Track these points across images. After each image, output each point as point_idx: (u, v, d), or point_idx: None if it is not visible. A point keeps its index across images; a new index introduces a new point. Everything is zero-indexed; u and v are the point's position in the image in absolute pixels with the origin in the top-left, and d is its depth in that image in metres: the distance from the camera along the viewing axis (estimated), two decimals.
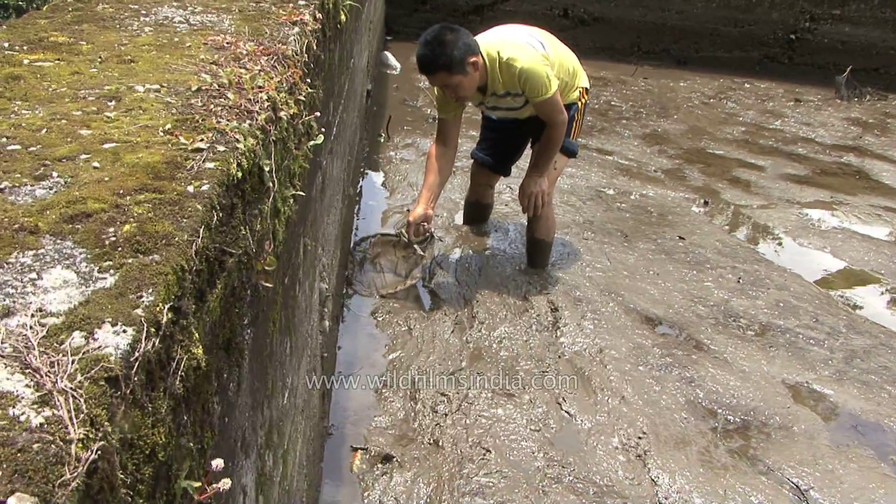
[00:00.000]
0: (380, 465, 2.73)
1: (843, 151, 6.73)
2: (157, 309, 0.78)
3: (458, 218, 4.60)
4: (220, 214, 1.02)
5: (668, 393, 3.24)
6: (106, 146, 1.12)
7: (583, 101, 3.87)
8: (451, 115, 3.72)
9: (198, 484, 0.85)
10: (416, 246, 3.86)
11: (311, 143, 1.70)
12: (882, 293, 4.35)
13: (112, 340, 0.71)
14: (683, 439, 2.99)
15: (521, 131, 4.00)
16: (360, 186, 5.06)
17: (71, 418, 0.61)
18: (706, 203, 5.31)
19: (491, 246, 4.35)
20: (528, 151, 4.11)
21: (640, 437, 2.97)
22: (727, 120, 7.37)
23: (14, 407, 0.62)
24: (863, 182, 6.07)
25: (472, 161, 4.38)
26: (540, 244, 4.14)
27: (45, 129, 1.16)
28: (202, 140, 1.16)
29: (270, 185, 1.28)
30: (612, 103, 7.54)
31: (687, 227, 4.88)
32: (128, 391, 0.69)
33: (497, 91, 3.53)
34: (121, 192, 0.98)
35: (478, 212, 4.59)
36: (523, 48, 3.45)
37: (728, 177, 5.88)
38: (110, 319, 0.74)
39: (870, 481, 2.87)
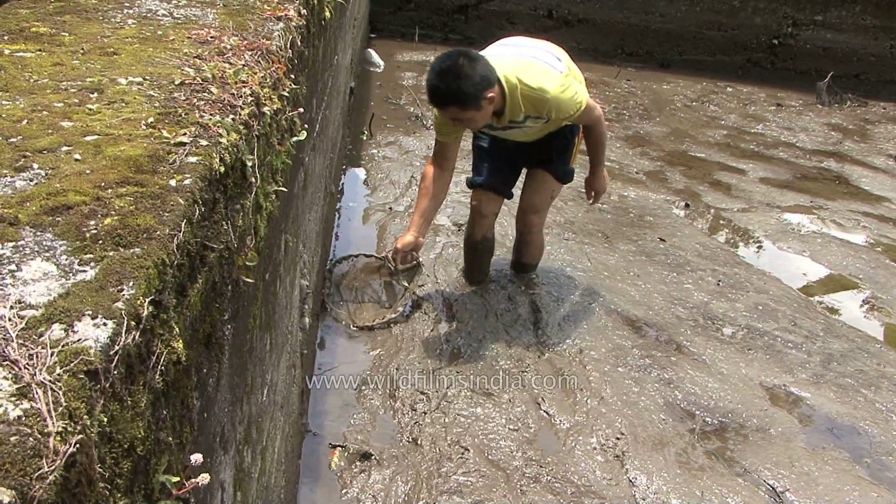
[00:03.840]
0: (358, 463, 2.73)
1: (824, 156, 6.80)
2: (138, 302, 0.78)
3: (441, 219, 4.54)
4: (202, 209, 1.02)
5: (647, 394, 3.25)
6: (87, 138, 1.11)
7: None
8: (452, 139, 3.45)
9: (176, 479, 0.85)
10: (401, 276, 3.67)
11: (294, 139, 1.70)
12: (859, 298, 4.40)
13: (92, 333, 0.71)
14: (661, 440, 3.01)
15: (521, 153, 3.74)
16: (342, 183, 5.04)
17: (49, 411, 0.61)
18: (687, 205, 5.35)
19: None
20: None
21: (618, 438, 2.99)
22: (709, 123, 7.41)
23: None
24: (842, 187, 6.14)
25: (469, 193, 3.91)
26: (525, 266, 4.09)
27: (25, 121, 1.15)
28: (185, 134, 1.15)
29: (253, 180, 1.28)
30: None
31: (668, 229, 4.90)
32: (107, 384, 0.69)
33: (516, 118, 3.24)
34: (102, 184, 0.98)
35: (484, 255, 4.02)
36: (546, 72, 3.17)
37: (709, 180, 5.92)
38: (90, 312, 0.73)
39: (845, 483, 2.91)
